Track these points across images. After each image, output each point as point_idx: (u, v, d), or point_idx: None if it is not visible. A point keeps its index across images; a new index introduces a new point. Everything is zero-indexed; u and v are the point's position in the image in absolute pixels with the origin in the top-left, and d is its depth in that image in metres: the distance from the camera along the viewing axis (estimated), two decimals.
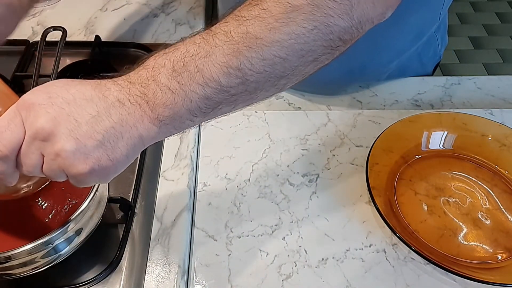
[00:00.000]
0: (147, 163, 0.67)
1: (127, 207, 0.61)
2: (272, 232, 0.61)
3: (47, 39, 0.76)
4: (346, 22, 0.40)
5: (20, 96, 0.40)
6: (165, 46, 0.41)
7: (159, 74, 0.38)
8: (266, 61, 0.39)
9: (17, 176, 0.40)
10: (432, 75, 0.86)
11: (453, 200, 0.63)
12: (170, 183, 0.64)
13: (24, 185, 0.46)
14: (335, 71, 0.72)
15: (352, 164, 0.68)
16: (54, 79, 0.70)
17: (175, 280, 0.55)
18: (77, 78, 0.79)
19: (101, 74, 0.77)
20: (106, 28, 0.89)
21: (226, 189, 0.65)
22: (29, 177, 0.45)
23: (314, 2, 0.39)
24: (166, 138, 0.69)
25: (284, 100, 0.77)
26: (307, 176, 0.67)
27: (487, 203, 0.63)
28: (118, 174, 0.41)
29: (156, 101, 0.38)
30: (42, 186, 0.48)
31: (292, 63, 0.40)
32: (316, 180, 0.66)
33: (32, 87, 0.68)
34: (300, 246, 0.59)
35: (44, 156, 0.38)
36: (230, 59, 0.38)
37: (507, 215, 0.62)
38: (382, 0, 0.42)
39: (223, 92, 0.39)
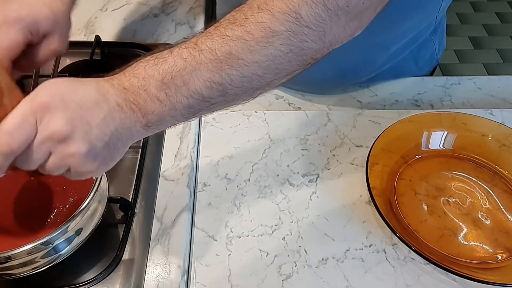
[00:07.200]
0: (147, 163, 0.67)
1: (127, 207, 0.61)
2: (272, 232, 0.61)
3: None
4: (319, 45, 0.44)
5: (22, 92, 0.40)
6: (151, 52, 0.44)
7: (149, 84, 0.42)
8: (245, 78, 0.43)
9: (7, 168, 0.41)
10: None
11: (453, 200, 0.63)
12: (170, 183, 0.64)
13: None
14: (328, 72, 0.72)
15: (352, 164, 0.68)
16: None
17: (175, 280, 0.55)
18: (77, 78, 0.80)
19: (101, 74, 0.77)
20: (106, 28, 0.89)
21: (226, 189, 0.65)
22: None
23: (292, 29, 0.42)
24: (166, 138, 0.70)
25: (284, 100, 0.77)
26: (307, 176, 0.67)
27: (487, 203, 0.63)
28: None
29: (146, 109, 0.42)
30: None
31: (267, 79, 0.45)
32: (316, 180, 0.66)
33: (32, 87, 0.69)
34: (300, 246, 0.59)
35: (50, 154, 0.40)
36: (214, 75, 0.42)
37: (507, 215, 0.62)
38: (352, 25, 0.45)
39: (205, 102, 0.43)
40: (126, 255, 0.58)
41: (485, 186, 0.65)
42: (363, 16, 0.46)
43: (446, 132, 0.69)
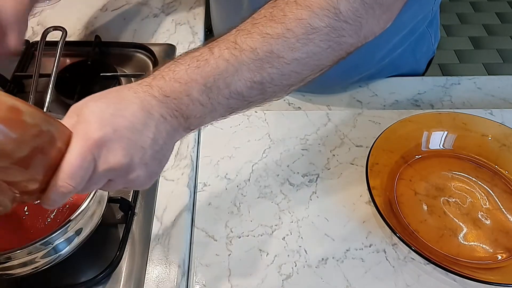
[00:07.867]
0: None
1: (127, 207, 0.61)
2: (272, 232, 0.61)
3: (47, 39, 0.75)
4: (354, 39, 0.45)
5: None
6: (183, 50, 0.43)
7: (192, 89, 0.42)
8: (284, 76, 0.44)
9: None
10: (426, 70, 0.87)
11: (453, 200, 0.63)
12: (170, 183, 0.64)
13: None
14: (329, 71, 0.72)
15: (352, 164, 0.68)
16: (54, 79, 0.70)
17: (175, 280, 0.55)
18: (77, 78, 0.80)
19: (101, 74, 0.77)
20: (106, 28, 0.89)
21: (226, 189, 0.65)
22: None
23: (331, 24, 0.43)
24: None
25: (284, 100, 0.77)
26: (307, 176, 0.67)
27: (487, 203, 0.63)
28: None
29: (189, 113, 0.43)
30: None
31: (304, 75, 0.45)
32: (316, 180, 0.66)
33: (32, 87, 0.69)
34: (300, 246, 0.59)
35: (110, 180, 0.41)
36: (254, 75, 0.42)
37: (507, 215, 0.62)
38: (385, 17, 0.46)
39: (244, 101, 0.44)
40: (126, 255, 0.58)
41: (485, 186, 0.65)
42: (394, 7, 0.46)
43: (446, 132, 0.69)
